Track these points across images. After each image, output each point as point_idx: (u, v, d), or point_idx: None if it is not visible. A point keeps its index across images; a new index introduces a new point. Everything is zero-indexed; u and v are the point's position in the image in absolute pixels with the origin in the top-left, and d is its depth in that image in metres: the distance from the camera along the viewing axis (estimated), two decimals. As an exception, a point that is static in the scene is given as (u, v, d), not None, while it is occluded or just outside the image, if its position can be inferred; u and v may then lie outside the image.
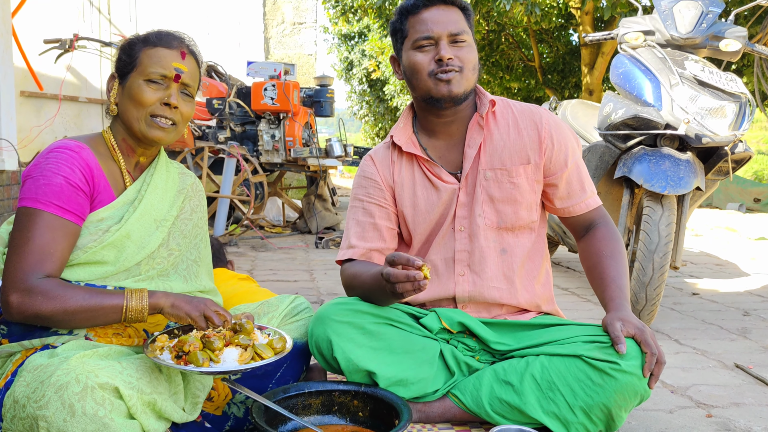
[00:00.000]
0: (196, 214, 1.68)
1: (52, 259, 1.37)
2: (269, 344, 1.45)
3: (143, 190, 1.56)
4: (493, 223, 1.77)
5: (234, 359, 1.37)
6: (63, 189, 1.40)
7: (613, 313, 1.59)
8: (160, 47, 1.53)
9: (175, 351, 1.36)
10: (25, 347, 1.42)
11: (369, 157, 1.89)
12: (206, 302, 1.44)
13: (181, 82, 1.54)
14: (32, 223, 1.37)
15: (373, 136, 19.00)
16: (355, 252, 1.80)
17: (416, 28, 1.73)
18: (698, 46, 2.87)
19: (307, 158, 5.75)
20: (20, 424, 1.25)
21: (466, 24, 1.74)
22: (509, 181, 1.76)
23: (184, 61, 1.55)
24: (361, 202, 1.85)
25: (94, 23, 7.83)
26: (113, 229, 1.48)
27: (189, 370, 1.32)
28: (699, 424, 1.79)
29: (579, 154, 1.83)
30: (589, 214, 1.83)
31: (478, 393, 1.64)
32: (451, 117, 1.78)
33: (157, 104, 1.51)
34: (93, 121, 8.05)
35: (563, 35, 12.44)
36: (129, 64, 1.53)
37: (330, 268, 4.33)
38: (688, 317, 3.10)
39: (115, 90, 1.54)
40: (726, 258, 5.11)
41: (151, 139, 1.52)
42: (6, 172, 4.39)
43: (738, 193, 9.40)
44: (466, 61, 1.71)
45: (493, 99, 1.79)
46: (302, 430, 1.53)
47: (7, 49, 4.64)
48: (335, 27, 17.67)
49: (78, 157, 1.45)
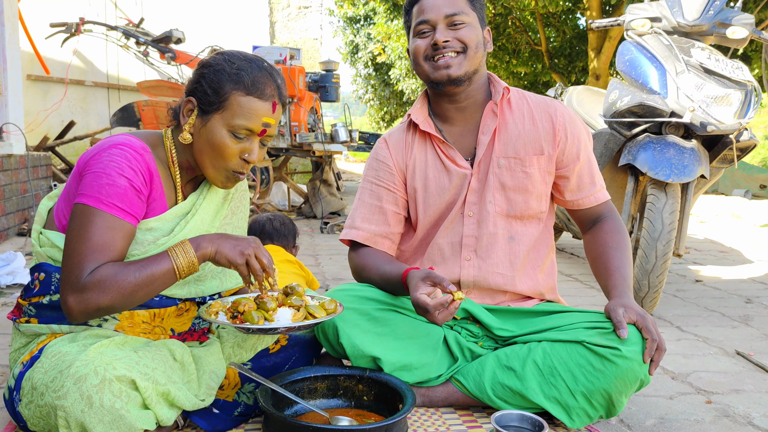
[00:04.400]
0: (236, 216, 1.68)
1: (108, 255, 1.34)
2: (321, 305, 1.51)
3: (198, 203, 1.55)
4: (503, 210, 1.79)
5: (287, 319, 1.41)
6: (127, 192, 1.38)
7: (615, 300, 1.62)
8: (253, 96, 1.43)
9: (230, 312, 1.43)
10: (54, 331, 1.46)
11: (383, 139, 1.91)
12: (249, 245, 1.41)
13: (265, 135, 1.49)
14: (92, 223, 1.34)
15: (378, 120, 18.94)
16: (359, 235, 1.84)
17: (416, 16, 1.76)
18: (705, 33, 2.86)
19: (313, 143, 5.76)
20: (37, 411, 1.29)
21: (465, 4, 1.73)
22: (522, 170, 1.77)
23: (274, 114, 1.47)
24: (371, 184, 1.87)
25: (99, 7, 7.82)
26: (161, 241, 1.46)
27: (245, 327, 1.37)
28: (698, 410, 1.82)
29: (591, 148, 1.85)
30: (597, 208, 1.85)
31: (480, 378, 1.67)
32: (463, 102, 1.79)
33: (237, 159, 1.46)
34: (99, 105, 8.07)
35: (570, 19, 12.35)
36: (214, 103, 1.43)
37: (335, 253, 4.35)
38: (690, 304, 3.12)
39: (192, 120, 1.47)
40: (730, 245, 5.11)
41: (220, 187, 1.52)
42: (14, 156, 4.41)
43: (744, 180, 9.37)
44: (467, 40, 1.71)
45: (508, 87, 1.80)
46: (308, 414, 1.56)
47: (14, 33, 4.65)
48: (341, 10, 17.57)
49: (142, 159, 1.42)
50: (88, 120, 7.87)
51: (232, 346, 1.62)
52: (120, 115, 5.92)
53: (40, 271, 1.48)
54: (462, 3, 1.73)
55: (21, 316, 1.50)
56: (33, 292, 1.48)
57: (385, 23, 12.42)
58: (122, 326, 1.48)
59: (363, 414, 1.61)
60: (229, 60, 1.46)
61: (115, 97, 8.13)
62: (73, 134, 6.68)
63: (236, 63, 1.45)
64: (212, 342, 1.60)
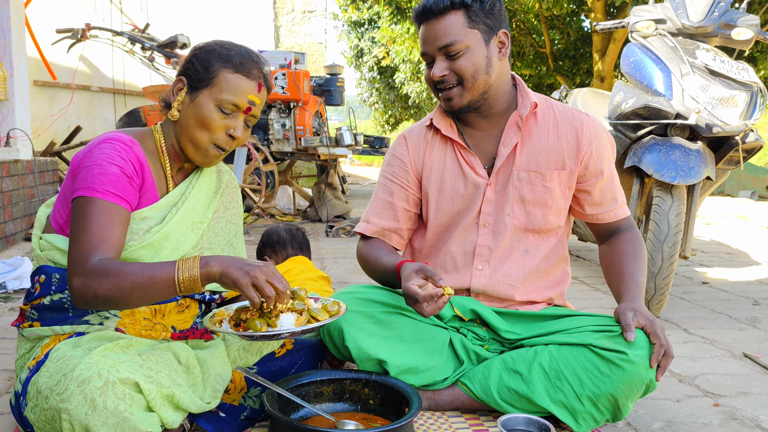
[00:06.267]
0: (229, 211, 1.70)
1: (109, 241, 1.37)
2: (324, 308, 1.51)
3: (187, 192, 1.58)
4: (521, 224, 1.78)
5: (290, 324, 1.41)
6: (119, 178, 1.42)
7: (626, 303, 1.61)
8: (240, 74, 1.50)
9: (234, 320, 1.43)
10: (56, 332, 1.47)
11: (403, 136, 1.90)
12: (260, 270, 1.32)
13: (250, 114, 1.53)
14: (89, 211, 1.38)
15: (383, 123, 18.94)
16: (368, 228, 1.87)
17: (420, 44, 1.75)
18: (710, 34, 2.85)
19: (318, 147, 5.77)
20: (42, 415, 1.29)
21: (462, 27, 1.65)
22: (542, 184, 1.76)
23: (260, 93, 1.54)
24: (386, 179, 1.89)
25: (105, 13, 7.86)
26: (154, 229, 1.50)
27: (248, 335, 1.37)
28: (706, 413, 1.81)
29: (614, 164, 1.83)
30: (616, 223, 1.84)
31: (486, 381, 1.67)
32: (485, 111, 1.78)
33: (221, 133, 1.51)
34: (105, 110, 8.11)
35: (575, 21, 12.33)
36: (203, 79, 1.50)
37: (340, 256, 4.36)
38: (697, 306, 3.10)
39: (181, 97, 1.52)
40: (737, 246, 5.09)
41: (200, 164, 1.55)
42: (21, 162, 4.43)
43: (750, 181, 9.33)
44: (463, 72, 1.68)
45: (536, 101, 1.76)
46: (314, 418, 1.57)
47: (21, 39, 4.67)
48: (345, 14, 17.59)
49: (130, 150, 1.46)
50: (94, 125, 7.91)
51: (237, 350, 1.63)
52: (126, 120, 5.94)
53: (40, 274, 1.51)
54: (457, 28, 1.65)
55: (24, 321, 1.52)
56: (34, 296, 1.50)
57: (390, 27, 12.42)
58: (124, 323, 1.50)
59: (369, 418, 1.61)
60: (220, 44, 1.54)
61: (121, 102, 8.17)
62: (79, 139, 6.71)
63: (226, 46, 1.53)
64: (217, 344, 1.61)
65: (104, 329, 1.47)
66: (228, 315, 1.48)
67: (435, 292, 1.48)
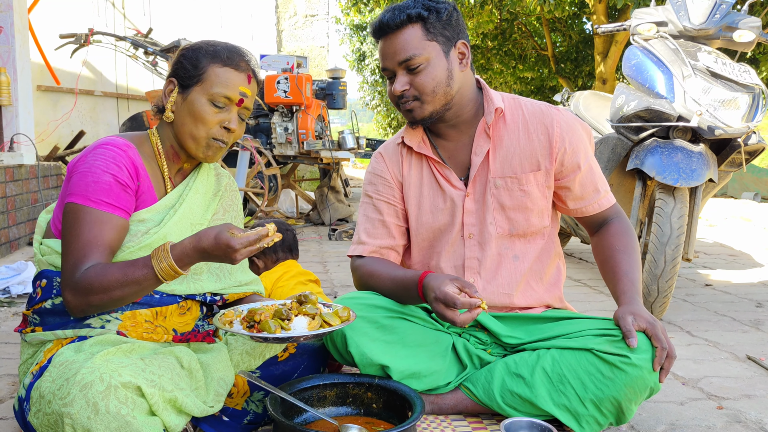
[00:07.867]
0: (229, 214, 1.72)
1: (98, 248, 1.39)
2: (335, 313, 1.53)
3: (185, 194, 1.59)
4: (504, 230, 1.77)
5: (303, 327, 1.43)
6: (112, 187, 1.44)
7: (624, 307, 1.61)
8: (229, 68, 1.52)
9: (247, 321, 1.44)
10: (58, 337, 1.48)
11: (379, 153, 1.90)
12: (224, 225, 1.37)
13: (242, 106, 1.55)
14: (81, 220, 1.41)
15: (385, 126, 18.97)
16: (365, 249, 1.84)
17: (380, 59, 1.74)
18: (711, 37, 2.85)
19: (320, 151, 5.78)
20: (45, 419, 1.30)
21: (420, 40, 1.64)
22: (519, 188, 1.75)
23: (250, 85, 1.56)
24: (371, 198, 1.87)
25: (108, 18, 7.89)
26: (152, 231, 1.51)
27: (263, 336, 1.38)
28: (710, 416, 1.81)
29: (592, 154, 1.81)
30: (602, 213, 1.83)
31: (489, 385, 1.67)
32: (451, 121, 1.77)
33: (217, 127, 1.53)
34: (108, 115, 8.13)
35: (576, 24, 12.34)
36: (193, 77, 1.52)
37: (343, 260, 4.36)
38: (700, 309, 3.10)
39: (173, 98, 1.54)
40: (740, 248, 5.08)
41: (203, 159, 1.56)
42: (24, 166, 4.45)
43: (753, 183, 9.32)
44: (421, 88, 1.67)
45: (500, 106, 1.74)
46: (317, 422, 1.57)
47: (24, 44, 4.70)
48: (347, 18, 17.62)
49: (125, 155, 1.48)
50: (97, 130, 7.94)
51: (240, 354, 1.63)
52: (129, 125, 5.96)
53: (41, 278, 1.52)
54: (415, 42, 1.64)
55: (26, 326, 1.54)
56: (36, 300, 1.52)
57: (392, 30, 12.44)
58: (125, 326, 1.50)
59: (372, 422, 1.61)
60: (206, 42, 1.57)
61: (124, 107, 8.19)
62: (82, 144, 6.72)
63: (212, 43, 1.56)
64: (220, 348, 1.61)
65: (106, 332, 1.48)
66: (238, 316, 1.49)
67: (473, 301, 1.46)
